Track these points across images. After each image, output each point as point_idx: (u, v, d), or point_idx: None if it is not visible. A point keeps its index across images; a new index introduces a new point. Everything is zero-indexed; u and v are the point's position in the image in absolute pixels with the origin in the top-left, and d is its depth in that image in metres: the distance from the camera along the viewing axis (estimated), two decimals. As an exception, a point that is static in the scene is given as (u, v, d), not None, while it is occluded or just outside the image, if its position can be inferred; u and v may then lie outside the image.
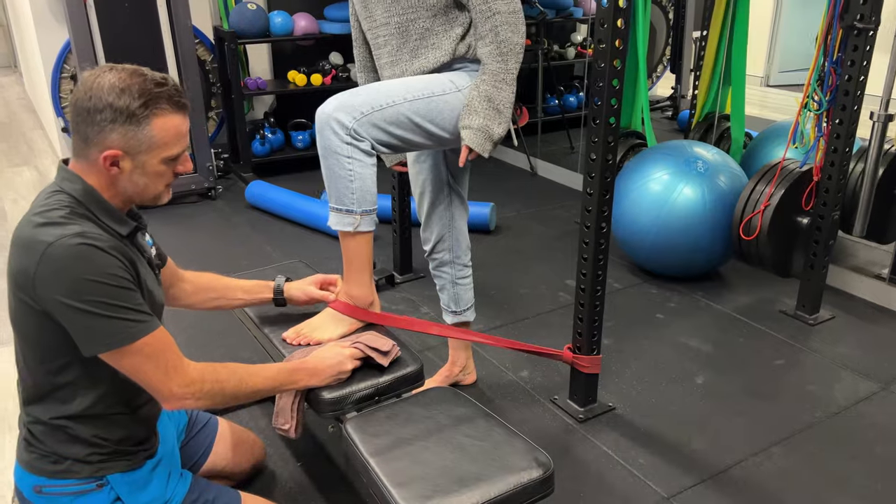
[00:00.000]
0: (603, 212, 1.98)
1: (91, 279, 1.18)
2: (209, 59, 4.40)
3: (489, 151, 1.74)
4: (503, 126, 1.73)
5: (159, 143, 1.25)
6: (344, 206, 1.62)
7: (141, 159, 1.25)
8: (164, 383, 1.28)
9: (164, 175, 1.30)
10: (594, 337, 2.11)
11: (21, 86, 7.11)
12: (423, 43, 1.72)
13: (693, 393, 2.28)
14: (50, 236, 1.18)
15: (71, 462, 1.32)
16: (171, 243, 3.40)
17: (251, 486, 1.84)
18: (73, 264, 1.18)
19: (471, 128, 1.70)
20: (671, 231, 2.83)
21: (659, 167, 2.91)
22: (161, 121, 1.24)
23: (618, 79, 1.84)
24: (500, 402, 2.22)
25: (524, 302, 2.86)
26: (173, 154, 1.28)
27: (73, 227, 1.20)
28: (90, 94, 1.21)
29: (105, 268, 1.20)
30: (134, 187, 1.29)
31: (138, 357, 1.24)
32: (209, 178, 3.97)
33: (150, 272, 1.38)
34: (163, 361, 1.27)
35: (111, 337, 1.22)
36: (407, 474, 1.25)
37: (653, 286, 2.98)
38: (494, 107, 1.69)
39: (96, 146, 1.23)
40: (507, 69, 1.68)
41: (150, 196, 1.32)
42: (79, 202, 1.25)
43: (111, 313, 1.20)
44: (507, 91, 1.70)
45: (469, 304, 2.18)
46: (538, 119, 4.81)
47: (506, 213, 3.79)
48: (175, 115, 1.26)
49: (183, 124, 1.28)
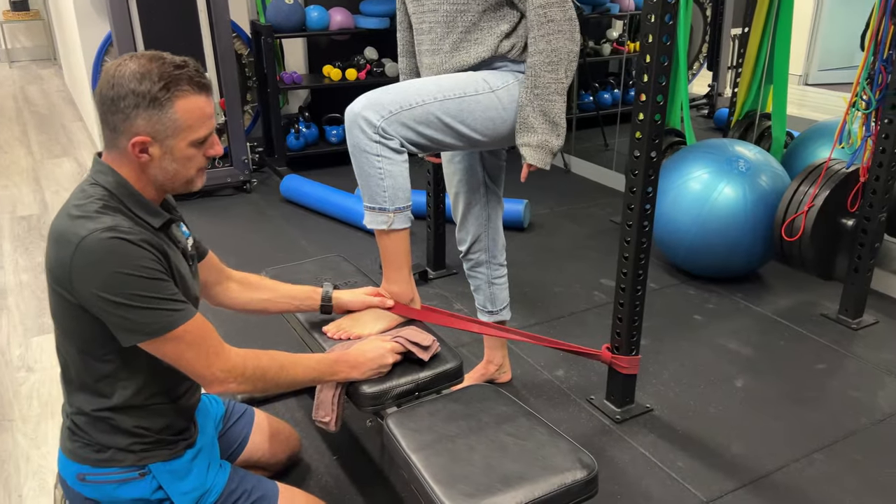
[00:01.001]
0: (646, 210, 1.94)
1: (125, 272, 1.19)
2: (246, 53, 4.43)
3: (549, 164, 1.75)
4: (562, 136, 1.73)
5: (184, 125, 1.24)
6: (377, 205, 1.61)
7: (169, 144, 1.25)
8: (206, 368, 1.29)
9: (194, 159, 1.29)
10: (633, 337, 2.08)
11: (61, 78, 7.24)
12: (467, 37, 1.70)
13: (732, 396, 2.24)
14: (83, 230, 1.19)
15: (114, 451, 1.33)
16: (207, 235, 3.43)
17: (287, 478, 1.85)
18: (107, 258, 1.18)
19: (530, 146, 1.70)
20: (711, 231, 2.79)
21: (699, 166, 2.86)
22: (184, 102, 1.23)
23: (664, 75, 1.81)
24: (536, 401, 2.20)
25: (559, 300, 2.83)
26: (200, 136, 1.27)
27: (106, 219, 1.21)
28: (112, 82, 1.21)
29: (137, 260, 1.20)
30: (165, 174, 1.28)
31: (180, 344, 1.26)
32: (244, 172, 3.99)
33: (183, 263, 1.38)
34: (204, 347, 1.29)
35: (150, 326, 1.23)
36: (450, 472, 1.24)
37: (690, 287, 2.94)
38: (550, 120, 1.69)
39: (124, 134, 1.23)
40: (558, 79, 1.66)
41: (182, 182, 1.31)
42: (112, 195, 1.26)
43: (147, 304, 1.21)
44: (560, 102, 1.69)
45: (505, 303, 2.16)
46: (572, 116, 4.77)
47: (539, 210, 3.76)
48: (197, 95, 1.25)
49: (207, 105, 1.27)
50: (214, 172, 3.95)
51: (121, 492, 1.34)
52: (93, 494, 1.35)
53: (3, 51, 8.43)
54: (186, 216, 1.47)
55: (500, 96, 1.71)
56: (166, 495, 1.37)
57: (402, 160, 1.61)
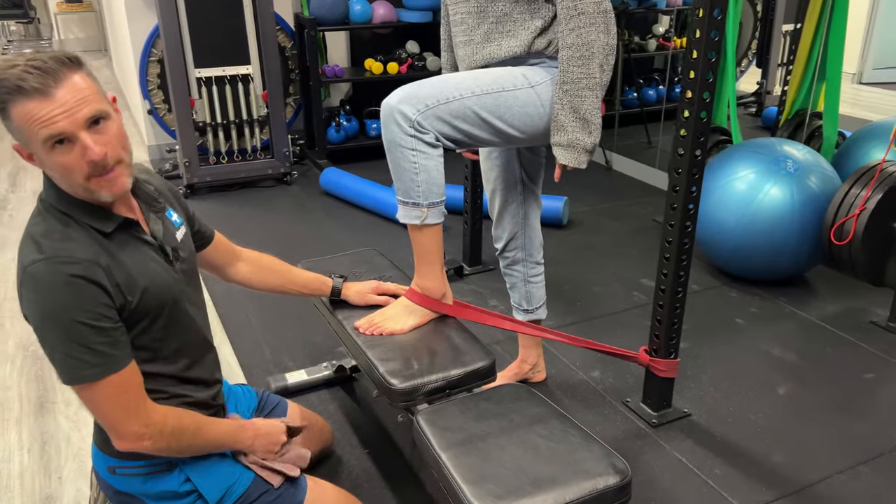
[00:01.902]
0: (689, 210, 1.89)
1: (51, 315, 1.15)
2: (289, 45, 4.45)
3: (586, 162, 1.69)
4: (595, 134, 1.67)
5: (28, 133, 1.13)
6: (410, 199, 1.59)
7: (36, 153, 1.16)
8: (122, 422, 1.23)
9: (71, 166, 1.15)
10: (672, 340, 2.03)
11: (111, 69, 7.39)
12: (499, 28, 1.67)
13: (774, 403, 2.17)
14: (25, 258, 1.17)
15: None
16: (246, 225, 3.47)
17: (317, 470, 1.85)
18: (39, 295, 1.15)
19: (561, 145, 1.66)
20: (756, 232, 2.71)
21: (745, 165, 2.79)
22: (17, 110, 1.12)
23: (711, 72, 1.76)
24: (570, 402, 2.17)
25: (597, 300, 2.79)
26: (46, 138, 1.13)
27: (47, 245, 1.16)
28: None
29: (67, 302, 1.14)
30: (60, 182, 1.20)
31: (95, 396, 1.21)
32: (285, 164, 4.02)
33: (154, 259, 1.31)
34: (122, 404, 1.22)
35: (64, 374, 1.19)
36: (479, 472, 1.22)
37: (733, 289, 2.86)
38: (581, 117, 1.63)
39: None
40: (589, 74, 1.60)
41: (81, 192, 1.19)
42: (57, 210, 1.21)
43: (67, 352, 1.17)
44: (592, 97, 1.63)
45: (541, 301, 2.13)
46: (615, 112, 4.70)
47: (579, 207, 3.71)
48: (26, 100, 1.11)
49: (43, 107, 1.11)
50: (255, 164, 3.99)
51: (150, 485, 1.36)
52: (122, 487, 1.37)
53: (57, 42, 8.65)
54: (227, 206, 1.46)
55: (539, 92, 1.68)
56: (194, 487, 1.37)
57: (437, 155, 1.59)
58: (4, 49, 8.64)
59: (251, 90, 3.89)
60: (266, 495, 1.47)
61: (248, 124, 3.96)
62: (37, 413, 2.13)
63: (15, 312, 2.65)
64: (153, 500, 1.37)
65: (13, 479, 1.87)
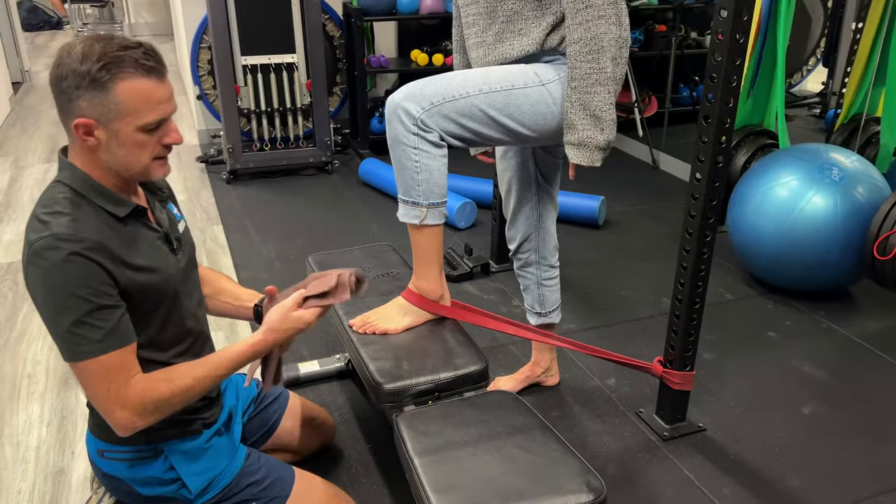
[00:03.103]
0: (708, 219, 1.82)
1: (52, 291, 1.16)
2: (337, 34, 4.48)
3: (601, 160, 1.64)
4: (608, 131, 1.61)
5: (129, 108, 1.17)
6: (410, 198, 1.57)
7: (114, 127, 1.19)
8: (110, 409, 1.23)
9: (147, 146, 1.22)
10: (688, 352, 1.96)
11: (174, 53, 7.60)
12: (510, 27, 1.63)
13: (797, 423, 2.07)
14: (32, 235, 1.18)
15: None
16: (283, 212, 3.52)
17: (317, 463, 1.86)
18: (43, 271, 1.17)
19: (572, 144, 1.61)
20: (796, 242, 2.59)
21: (788, 171, 2.66)
22: (127, 84, 1.16)
23: (736, 76, 1.68)
24: (581, 409, 2.12)
25: (624, 304, 2.72)
26: (148, 122, 1.20)
27: (54, 223, 1.18)
28: (59, 62, 1.17)
29: (70, 279, 1.16)
30: (115, 159, 1.22)
31: (87, 374, 1.21)
32: (326, 153, 4.06)
33: (160, 248, 1.33)
34: (112, 384, 1.22)
35: (64, 350, 1.20)
36: (449, 480, 1.20)
37: (769, 300, 2.75)
38: (591, 114, 1.57)
39: (69, 116, 1.19)
40: (599, 69, 1.54)
41: (136, 170, 1.24)
42: (73, 190, 1.22)
43: (67, 328, 1.18)
44: (603, 93, 1.57)
45: (554, 305, 2.09)
46: (665, 109, 4.56)
47: (618, 207, 3.62)
48: (143, 78, 1.17)
49: (155, 89, 1.19)
50: (297, 152, 4.04)
51: (135, 470, 1.38)
52: (109, 470, 1.40)
53: (128, 25, 8.95)
54: (267, 193, 1.46)
55: (550, 90, 1.63)
56: (178, 475, 1.40)
57: (441, 154, 1.57)
58: (79, 31, 8.99)
59: (295, 79, 3.94)
60: (252, 486, 1.48)
61: (292, 112, 4.01)
62: (60, 388, 2.21)
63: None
64: (138, 484, 1.40)
65: (30, 451, 1.95)
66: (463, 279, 2.87)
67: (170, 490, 1.41)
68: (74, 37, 8.78)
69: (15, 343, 2.45)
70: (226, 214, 3.52)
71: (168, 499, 1.42)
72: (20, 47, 6.29)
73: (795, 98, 5.44)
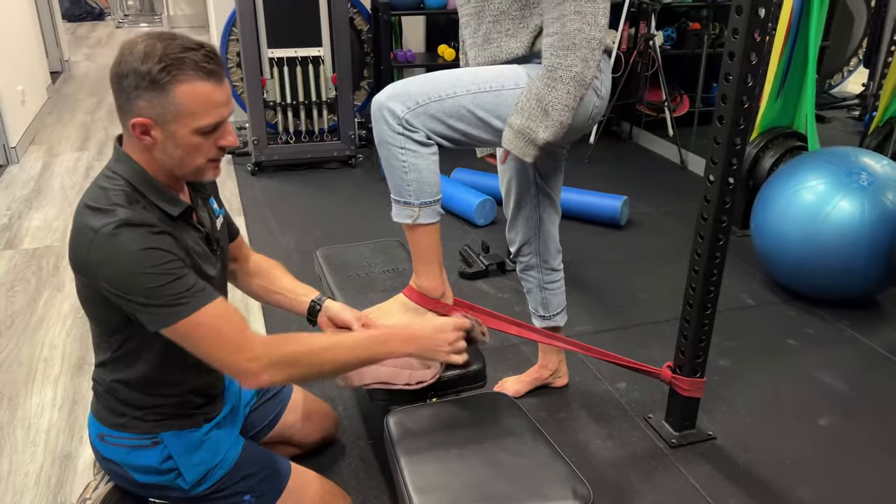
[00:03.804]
0: (721, 222, 1.77)
1: (134, 270, 1.17)
2: (366, 28, 4.48)
3: (532, 156, 1.55)
4: (550, 130, 1.52)
5: (187, 110, 1.18)
6: (402, 198, 1.54)
7: (171, 129, 1.20)
8: (229, 357, 1.23)
9: (202, 148, 1.23)
10: (698, 358, 1.91)
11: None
12: (496, 28, 1.59)
13: (812, 435, 2.01)
14: (97, 223, 1.18)
15: (129, 418, 1.38)
16: (304, 204, 3.53)
17: (318, 458, 1.86)
18: (118, 254, 1.17)
19: (511, 127, 1.54)
20: (821, 247, 2.51)
21: (815, 175, 2.58)
22: (186, 87, 1.17)
23: (752, 75, 1.63)
24: (588, 412, 2.09)
25: (640, 307, 2.67)
26: (205, 125, 1.21)
27: (120, 212, 1.18)
28: (120, 60, 1.18)
29: (148, 255, 1.17)
30: (170, 160, 1.24)
31: (192, 333, 1.22)
32: (350, 147, 4.06)
33: (203, 248, 1.35)
34: (220, 338, 1.23)
35: (159, 316, 1.20)
36: (432, 481, 1.19)
37: (792, 307, 2.67)
38: (542, 107, 1.50)
39: (127, 114, 1.20)
40: (566, 65, 1.48)
41: (189, 171, 1.26)
42: (129, 183, 1.23)
43: (158, 294, 1.18)
44: (562, 91, 1.49)
45: (559, 308, 2.05)
46: (696, 109, 4.47)
47: (642, 207, 3.56)
48: (202, 81, 1.18)
49: (214, 93, 1.19)
50: (322, 145, 4.05)
51: (132, 457, 1.40)
52: (108, 455, 1.41)
53: (166, 17, 9.09)
54: (290, 185, 1.47)
55: None
56: (175, 465, 1.41)
57: (429, 153, 1.53)
58: (119, 23, 9.16)
59: (321, 72, 3.95)
60: (247, 479, 1.48)
61: (317, 106, 4.02)
62: (74, 373, 2.25)
63: (76, 275, 2.80)
64: (135, 471, 1.42)
65: (40, 433, 1.99)
66: (478, 277, 2.85)
67: (166, 479, 1.42)
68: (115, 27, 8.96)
69: (34, 327, 2.50)
70: (248, 206, 3.55)
71: (163, 487, 1.44)
72: (60, 37, 6.43)
73: (835, 99, 5.29)
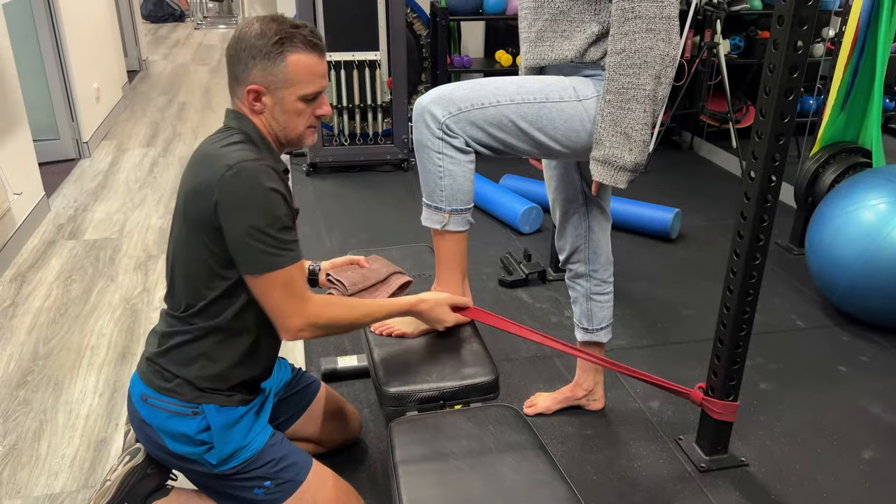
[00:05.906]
0: (758, 240, 1.70)
1: (261, 207, 1.30)
2: (425, 33, 4.51)
3: (625, 182, 1.55)
4: (636, 152, 1.52)
5: (294, 78, 1.35)
6: (433, 203, 1.55)
7: (279, 94, 1.36)
8: (286, 315, 1.37)
9: (303, 114, 1.40)
10: (732, 381, 1.84)
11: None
12: (553, 27, 1.56)
13: (853, 467, 1.91)
14: (231, 158, 1.32)
15: (179, 382, 1.43)
16: (354, 206, 3.58)
17: (338, 457, 1.88)
18: (250, 188, 1.30)
19: (596, 160, 1.54)
20: (879, 269, 2.38)
21: (877, 194, 2.45)
22: (295, 57, 1.34)
23: (793, 89, 1.56)
24: (616, 430, 2.04)
25: (683, 324, 2.59)
26: (308, 92, 1.37)
27: (251, 153, 1.34)
28: (238, 37, 1.36)
29: (274, 198, 1.32)
30: (277, 125, 1.40)
31: (275, 284, 1.34)
32: (403, 150, 4.09)
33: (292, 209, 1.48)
34: (291, 292, 1.36)
35: (258, 261, 1.32)
36: (427, 493, 1.18)
37: (845, 332, 2.54)
38: (622, 131, 1.49)
39: (243, 83, 1.37)
40: (638, 84, 1.46)
41: (293, 136, 1.42)
42: (248, 136, 1.39)
43: (269, 244, 1.32)
44: (639, 111, 1.48)
45: (604, 323, 1.99)
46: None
47: (695, 220, 3.45)
48: (308, 53, 1.36)
49: (317, 64, 1.37)
50: (375, 148, 4.10)
51: (171, 423, 1.43)
52: (147, 417, 1.45)
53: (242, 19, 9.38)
54: (342, 187, 1.56)
55: (587, 107, 1.56)
56: (210, 438, 1.44)
57: (466, 160, 1.53)
58: (198, 24, 9.51)
59: (377, 76, 3.99)
60: (269, 465, 1.49)
61: (372, 109, 4.07)
62: (118, 361, 2.34)
63: (130, 268, 2.92)
64: (169, 438, 1.44)
65: (80, 419, 2.08)
66: (517, 285, 2.82)
67: (196, 451, 1.44)
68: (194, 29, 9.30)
69: (86, 315, 2.61)
70: (300, 205, 3.62)
71: (191, 460, 1.46)
72: (139, 38, 6.72)
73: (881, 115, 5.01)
